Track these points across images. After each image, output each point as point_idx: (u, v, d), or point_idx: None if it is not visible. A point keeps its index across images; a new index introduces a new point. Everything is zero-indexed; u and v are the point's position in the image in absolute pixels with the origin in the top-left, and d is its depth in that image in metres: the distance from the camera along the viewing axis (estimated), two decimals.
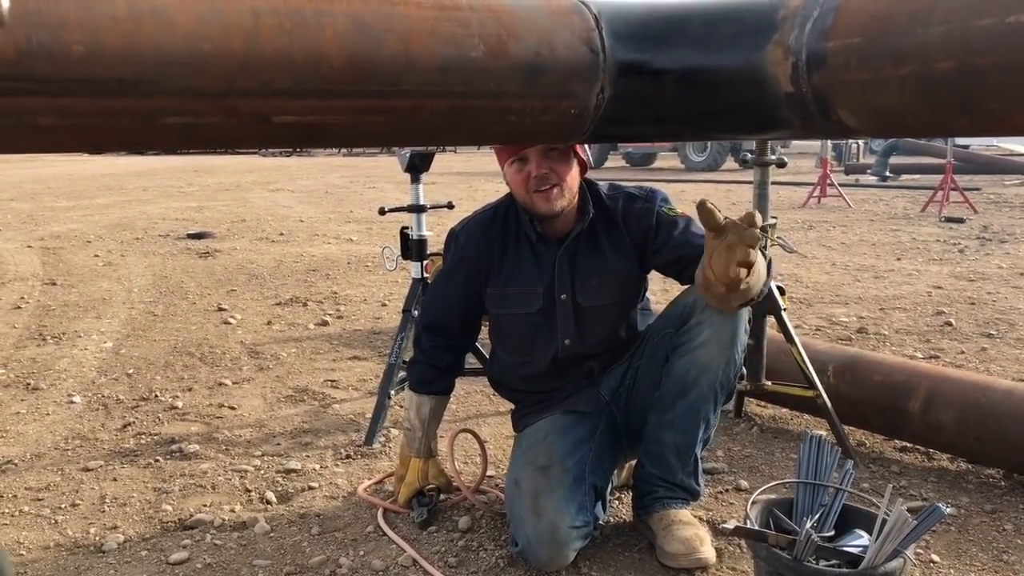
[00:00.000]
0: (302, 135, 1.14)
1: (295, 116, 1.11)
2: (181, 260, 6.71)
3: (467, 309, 2.18)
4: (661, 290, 4.50)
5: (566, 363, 2.10)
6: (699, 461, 2.05)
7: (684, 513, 2.01)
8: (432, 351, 2.21)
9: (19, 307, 5.02)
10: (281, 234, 8.21)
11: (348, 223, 9.11)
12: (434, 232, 2.95)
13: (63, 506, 2.32)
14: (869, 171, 14.77)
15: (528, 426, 2.13)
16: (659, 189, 2.15)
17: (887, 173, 14.20)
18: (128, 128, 1.06)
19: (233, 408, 3.13)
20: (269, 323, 4.53)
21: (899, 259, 6.44)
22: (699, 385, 1.95)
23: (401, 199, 2.98)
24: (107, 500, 2.35)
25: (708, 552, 1.93)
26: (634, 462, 2.16)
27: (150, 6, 0.99)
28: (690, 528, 1.97)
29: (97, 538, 2.12)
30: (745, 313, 1.94)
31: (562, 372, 2.12)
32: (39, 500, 2.37)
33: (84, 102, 0.98)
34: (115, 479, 2.50)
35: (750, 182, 2.94)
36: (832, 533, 1.75)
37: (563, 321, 2.06)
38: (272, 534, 2.14)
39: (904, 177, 14.31)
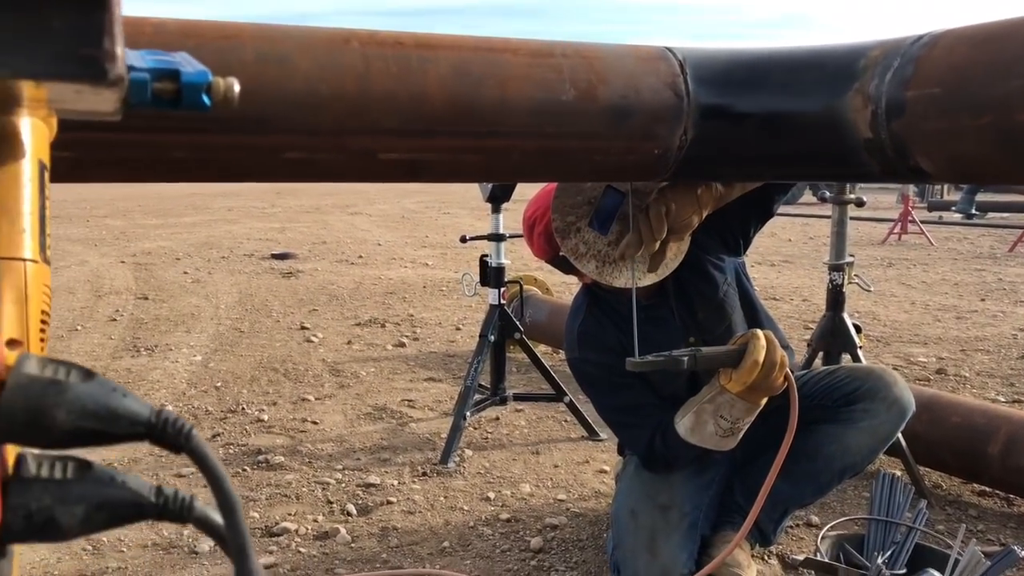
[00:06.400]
0: (404, 171, 1.24)
1: (399, 153, 1.21)
2: (265, 279, 6.96)
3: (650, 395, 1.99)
4: None
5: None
6: (786, 518, 2.03)
7: (744, 544, 1.96)
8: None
9: (114, 319, 5.29)
10: (360, 257, 8.44)
11: (423, 248, 9.29)
12: (510, 260, 3.04)
13: None
14: (954, 208, 14.33)
15: None
16: None
17: (973, 211, 13.74)
18: (250, 162, 1.17)
19: (316, 423, 3.25)
20: (349, 343, 4.68)
21: (983, 300, 6.26)
22: (834, 459, 1.92)
23: (475, 225, 3.09)
24: None
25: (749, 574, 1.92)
26: None
27: (275, 52, 1.10)
28: (743, 554, 1.93)
29: (191, 540, 2.25)
30: (903, 423, 1.94)
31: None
32: None
33: (214, 138, 1.10)
34: (206, 486, 2.63)
35: (828, 216, 2.95)
36: (904, 571, 1.76)
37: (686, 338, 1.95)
38: (353, 544, 2.23)
39: (991, 215, 13.84)
